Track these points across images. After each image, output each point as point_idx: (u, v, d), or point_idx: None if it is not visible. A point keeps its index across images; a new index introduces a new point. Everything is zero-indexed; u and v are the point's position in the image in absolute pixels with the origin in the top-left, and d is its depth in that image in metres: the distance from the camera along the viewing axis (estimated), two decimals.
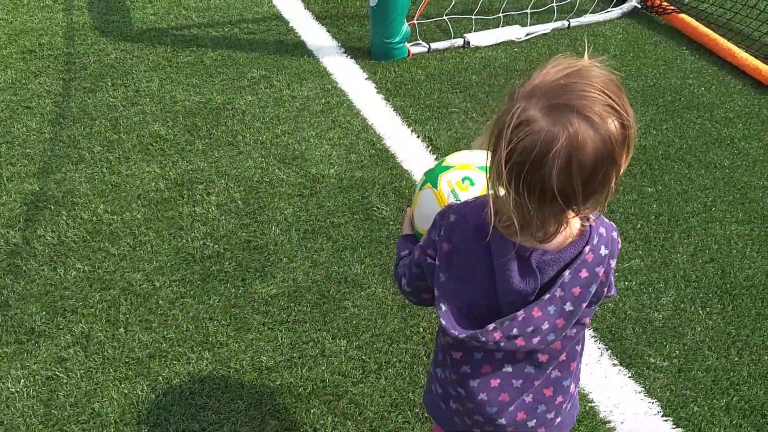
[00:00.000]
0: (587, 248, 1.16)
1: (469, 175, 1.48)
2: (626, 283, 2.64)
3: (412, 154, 3.35)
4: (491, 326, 1.18)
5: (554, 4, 4.53)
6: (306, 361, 2.34)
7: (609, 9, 4.66)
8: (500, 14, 4.42)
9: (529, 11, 4.49)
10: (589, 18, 4.53)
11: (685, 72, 4.10)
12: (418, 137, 3.48)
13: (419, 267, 1.31)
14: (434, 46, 4.22)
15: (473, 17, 4.41)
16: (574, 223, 1.17)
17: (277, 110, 3.66)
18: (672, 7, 4.55)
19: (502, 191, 1.09)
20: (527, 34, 4.34)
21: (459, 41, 4.25)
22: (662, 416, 2.16)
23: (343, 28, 4.49)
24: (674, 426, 2.14)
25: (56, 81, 3.78)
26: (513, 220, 1.09)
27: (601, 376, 2.29)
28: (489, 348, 1.21)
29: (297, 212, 2.99)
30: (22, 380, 2.25)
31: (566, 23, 4.46)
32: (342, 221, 2.95)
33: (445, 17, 4.37)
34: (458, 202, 1.29)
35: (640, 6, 4.69)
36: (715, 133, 3.56)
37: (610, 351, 2.37)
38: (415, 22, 4.23)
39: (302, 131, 3.52)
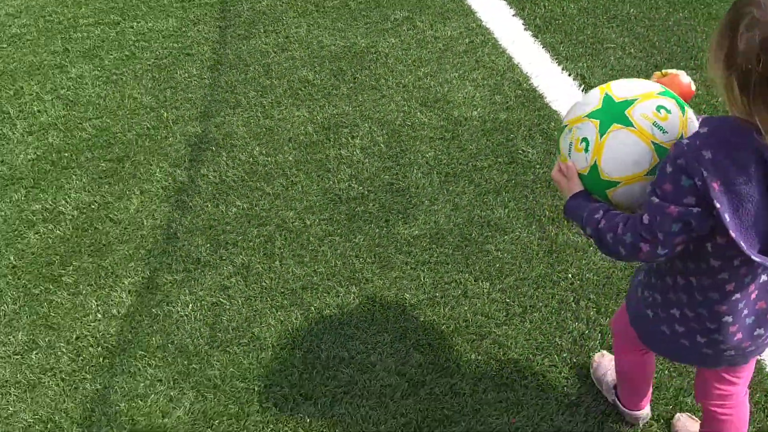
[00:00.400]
0: None
1: (660, 103, 1.34)
2: None
3: (562, 93, 3.21)
4: None
5: None
6: (448, 301, 2.37)
7: None
8: None
9: None
10: None
11: None
12: (569, 75, 3.32)
13: (683, 220, 1.22)
14: None
15: None
16: None
17: (419, 52, 3.64)
18: None
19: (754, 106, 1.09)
20: None
21: None
22: None
23: None
24: None
25: (213, 29, 3.99)
26: None
27: None
28: None
29: (438, 155, 2.98)
30: (190, 305, 2.47)
31: None
32: (485, 164, 2.91)
33: None
34: (665, 134, 1.27)
35: None
36: None
37: None
38: None
39: (445, 73, 3.48)
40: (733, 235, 1.17)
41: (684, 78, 1.49)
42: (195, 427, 2.07)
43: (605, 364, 2.05)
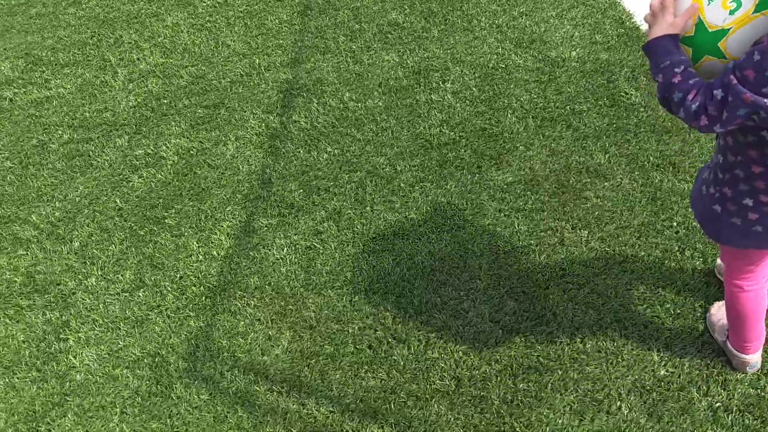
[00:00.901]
0: None
1: None
2: None
3: None
4: None
5: None
6: (544, 249, 2.30)
7: None
8: None
9: None
10: None
11: None
12: None
13: (751, 108, 1.23)
14: None
15: None
16: None
17: None
18: None
19: None
20: None
21: None
22: None
23: None
24: None
25: None
26: None
27: None
28: None
29: (534, 99, 2.87)
30: (285, 248, 2.52)
31: None
32: (584, 108, 2.77)
33: None
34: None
35: None
36: None
37: None
38: None
39: (541, 11, 3.32)
40: None
41: None
42: (293, 365, 2.14)
43: (721, 312, 1.97)
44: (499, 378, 1.99)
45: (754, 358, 1.84)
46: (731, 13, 1.27)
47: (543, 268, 2.25)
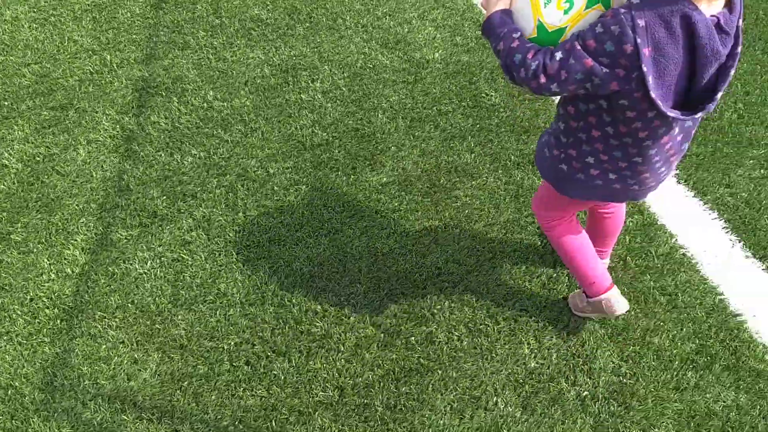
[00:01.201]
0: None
1: None
2: (762, 171, 2.45)
3: None
4: (718, 95, 1.38)
5: None
6: (420, 249, 2.34)
7: None
8: None
9: None
10: None
11: None
12: None
13: (587, 74, 1.37)
14: None
15: None
16: None
17: None
18: None
19: None
20: None
21: None
22: None
23: None
24: None
25: None
26: None
27: (734, 268, 2.17)
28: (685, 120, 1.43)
29: (402, 99, 2.90)
30: (149, 261, 2.37)
31: None
32: (449, 108, 2.84)
33: None
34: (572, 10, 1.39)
35: None
36: None
37: (742, 243, 2.24)
38: None
39: (404, 12, 3.36)
40: (653, 95, 1.34)
41: None
42: (163, 389, 2.01)
43: (576, 294, 2.13)
44: (381, 384, 1.99)
45: (612, 294, 1.93)
46: (565, 12, 1.41)
47: (420, 267, 2.28)
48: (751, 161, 2.49)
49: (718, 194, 2.39)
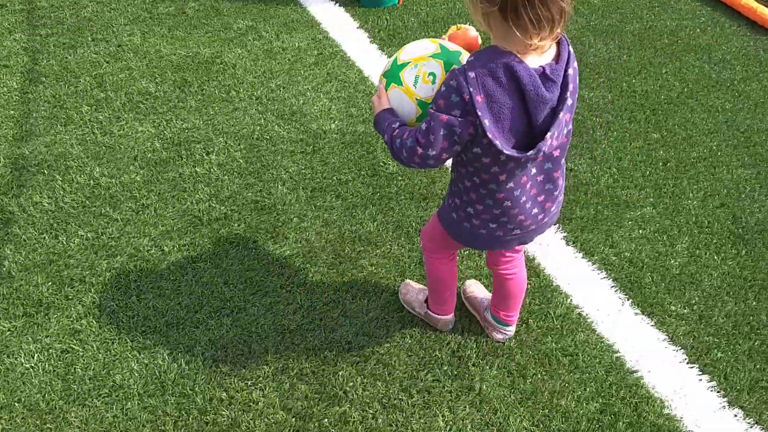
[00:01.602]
0: (569, 49, 1.55)
1: (428, 68, 1.67)
2: (640, 231, 2.64)
3: None
4: (548, 136, 1.54)
5: None
6: (328, 323, 2.30)
7: None
8: None
9: None
10: None
11: (679, 13, 4.04)
12: None
13: (448, 128, 1.55)
14: None
15: None
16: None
17: (269, 63, 3.52)
18: None
19: (514, 31, 1.44)
20: None
21: None
22: (687, 363, 2.19)
23: None
24: (700, 372, 2.17)
25: (32, 37, 3.56)
26: (527, 50, 1.49)
27: (625, 326, 2.30)
28: (534, 158, 1.58)
29: (302, 170, 2.90)
30: (36, 354, 2.17)
31: None
32: (349, 178, 2.87)
33: None
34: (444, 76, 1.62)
35: None
36: (715, 76, 3.53)
37: (630, 300, 2.38)
38: None
39: (297, 85, 3.40)
40: (490, 136, 1.51)
41: (472, 32, 1.87)
42: None
43: (412, 288, 2.38)
44: None
45: (450, 319, 2.27)
46: (433, 83, 1.67)
47: (330, 343, 2.24)
48: (630, 222, 2.69)
49: (603, 254, 2.55)
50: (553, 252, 2.56)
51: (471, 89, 1.49)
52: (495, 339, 2.25)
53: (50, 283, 2.38)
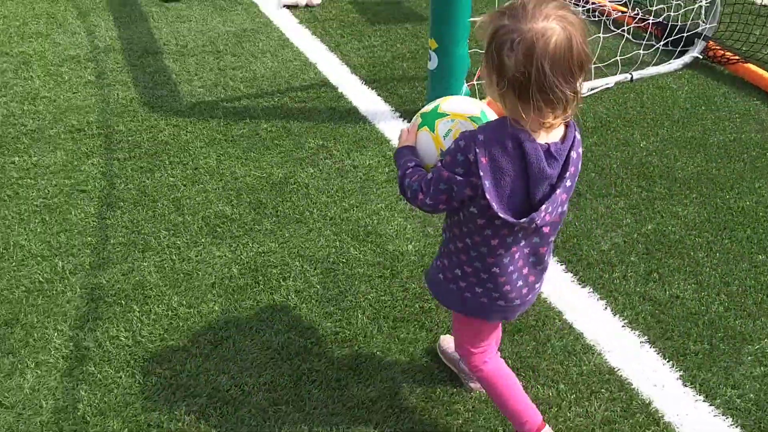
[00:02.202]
0: (575, 134, 1.63)
1: (462, 127, 1.73)
2: (762, 368, 2.39)
3: None
4: (542, 208, 1.60)
5: (618, 58, 4.38)
6: None
7: (670, 61, 4.50)
8: None
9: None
10: (651, 70, 4.38)
11: (762, 125, 3.91)
12: None
13: (448, 184, 1.63)
14: None
15: None
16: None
17: (341, 182, 3.48)
18: (736, 57, 4.38)
19: (529, 110, 1.51)
20: (590, 89, 4.18)
21: None
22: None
23: (393, 92, 4.34)
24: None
25: (110, 161, 3.62)
26: (540, 127, 1.56)
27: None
28: (528, 228, 1.65)
29: (381, 297, 2.77)
30: None
31: (629, 76, 4.30)
32: (432, 305, 2.72)
33: None
34: (468, 130, 1.65)
35: (701, 57, 4.53)
36: None
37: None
38: (475, 82, 4.08)
39: (371, 203, 3.33)
40: (488, 197, 1.58)
41: None
42: None
43: (448, 341, 2.38)
44: None
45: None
46: None
47: None
48: (750, 357, 2.44)
49: (726, 396, 2.29)
50: (669, 393, 2.32)
51: (477, 150, 1.56)
52: (471, 389, 2.30)
53: (126, 430, 2.23)
